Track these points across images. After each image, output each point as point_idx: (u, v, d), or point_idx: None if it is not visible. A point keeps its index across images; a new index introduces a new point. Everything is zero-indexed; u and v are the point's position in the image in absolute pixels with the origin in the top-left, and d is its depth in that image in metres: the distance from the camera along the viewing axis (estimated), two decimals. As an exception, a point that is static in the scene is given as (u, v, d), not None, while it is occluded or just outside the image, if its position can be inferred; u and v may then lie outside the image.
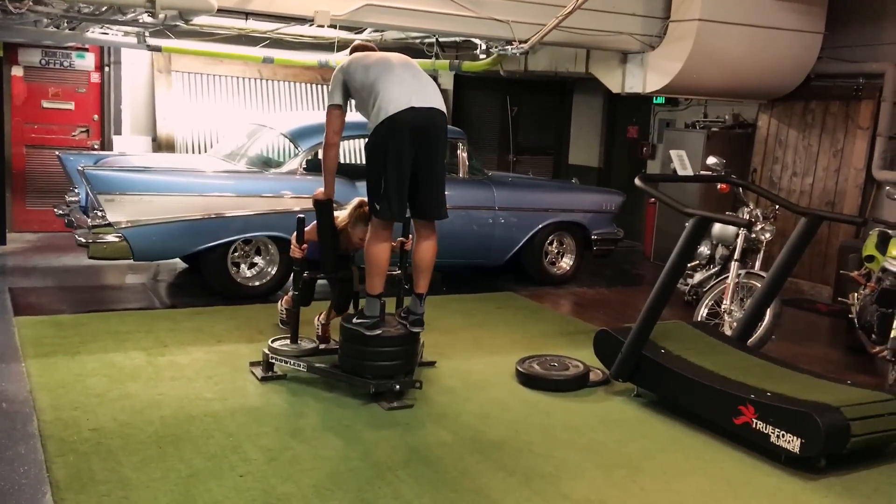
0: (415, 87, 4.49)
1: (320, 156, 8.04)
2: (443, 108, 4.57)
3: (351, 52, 4.83)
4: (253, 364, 4.94)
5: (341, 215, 5.01)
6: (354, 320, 4.62)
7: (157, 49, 8.37)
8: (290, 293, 5.12)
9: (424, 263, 4.68)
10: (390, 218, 4.51)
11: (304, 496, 3.42)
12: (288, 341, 4.97)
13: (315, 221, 4.96)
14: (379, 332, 4.56)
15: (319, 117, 8.34)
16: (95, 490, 3.36)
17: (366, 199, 4.75)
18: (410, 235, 4.94)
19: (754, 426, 4.11)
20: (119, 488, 3.39)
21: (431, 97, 4.53)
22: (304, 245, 4.83)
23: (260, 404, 4.44)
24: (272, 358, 4.84)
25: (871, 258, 5.79)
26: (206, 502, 3.31)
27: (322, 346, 5.10)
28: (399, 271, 5.08)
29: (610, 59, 8.31)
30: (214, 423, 4.12)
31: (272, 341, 4.95)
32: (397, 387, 4.56)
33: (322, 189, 4.84)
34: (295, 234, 4.87)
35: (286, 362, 4.80)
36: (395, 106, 4.36)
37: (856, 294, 5.95)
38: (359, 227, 4.92)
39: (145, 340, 5.41)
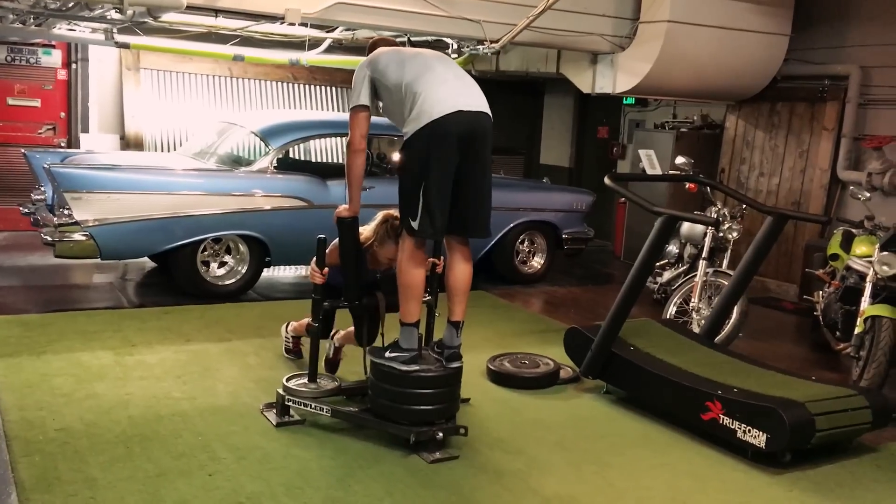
0: (460, 88, 3.97)
1: (291, 154, 8.11)
2: (489, 111, 4.02)
3: (371, 50, 4.28)
4: (266, 406, 4.32)
5: (365, 232, 4.34)
6: (387, 354, 3.97)
7: (126, 46, 8.26)
8: (306, 320, 4.50)
9: (462, 287, 4.09)
10: (431, 236, 3.93)
11: (273, 494, 3.41)
12: (305, 380, 4.30)
13: (336, 241, 4.29)
14: (416, 367, 3.92)
15: (290, 116, 8.37)
16: (62, 490, 3.32)
17: (392, 211, 4.21)
18: (441, 256, 4.31)
19: (721, 422, 4.17)
20: (86, 488, 3.35)
21: (478, 99, 3.99)
22: (326, 269, 4.18)
23: (229, 403, 4.41)
24: (288, 400, 4.19)
25: (835, 257, 5.89)
26: (175, 501, 3.29)
27: (337, 383, 4.38)
28: (429, 297, 4.42)
29: (580, 60, 8.37)
30: (183, 423, 4.09)
31: (287, 380, 4.28)
32: (440, 434, 3.91)
33: (346, 206, 4.17)
34: (315, 257, 4.20)
35: (305, 405, 4.17)
36: (439, 109, 3.81)
37: (820, 292, 6.05)
38: (387, 245, 4.26)
39: (113, 340, 5.35)
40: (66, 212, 5.97)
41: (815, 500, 3.76)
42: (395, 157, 8.30)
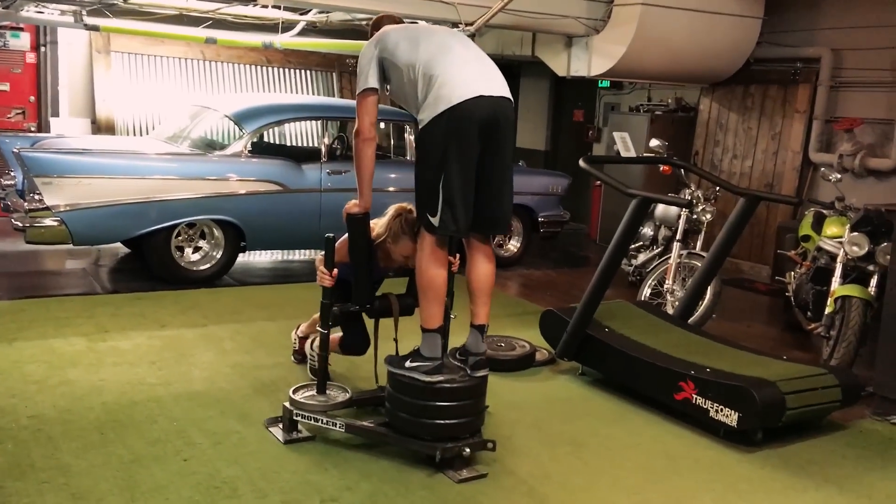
0: (481, 71, 3.64)
1: (266, 138, 8.05)
2: (511, 96, 3.71)
3: (374, 29, 3.92)
4: (271, 421, 3.95)
5: (376, 227, 3.98)
6: (407, 364, 3.63)
7: (95, 28, 8.15)
8: (315, 317, 4.21)
9: (486, 288, 3.79)
10: (454, 233, 3.57)
11: (250, 479, 3.41)
12: (314, 391, 3.93)
13: (345, 237, 3.94)
14: (441, 378, 3.59)
15: (264, 99, 8.30)
16: (35, 477, 3.30)
17: (406, 204, 3.91)
18: (458, 253, 4.00)
19: (694, 401, 4.22)
20: (59, 475, 3.33)
21: (500, 83, 3.67)
22: (335, 271, 3.81)
23: (205, 389, 4.39)
24: (297, 415, 3.82)
25: (806, 238, 5.96)
26: (150, 487, 3.28)
27: (349, 395, 3.96)
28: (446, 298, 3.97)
29: (555, 43, 8.37)
30: (158, 408, 4.07)
31: (294, 392, 3.90)
32: (467, 450, 3.59)
33: (356, 200, 3.82)
34: (322, 256, 3.84)
35: (316, 420, 3.80)
36: (459, 93, 3.47)
37: (792, 273, 6.13)
38: (402, 241, 3.92)
39: (86, 326, 5.31)
40: (36, 197, 5.90)
41: (786, 477, 3.82)
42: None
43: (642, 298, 6.26)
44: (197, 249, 6.64)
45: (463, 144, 3.50)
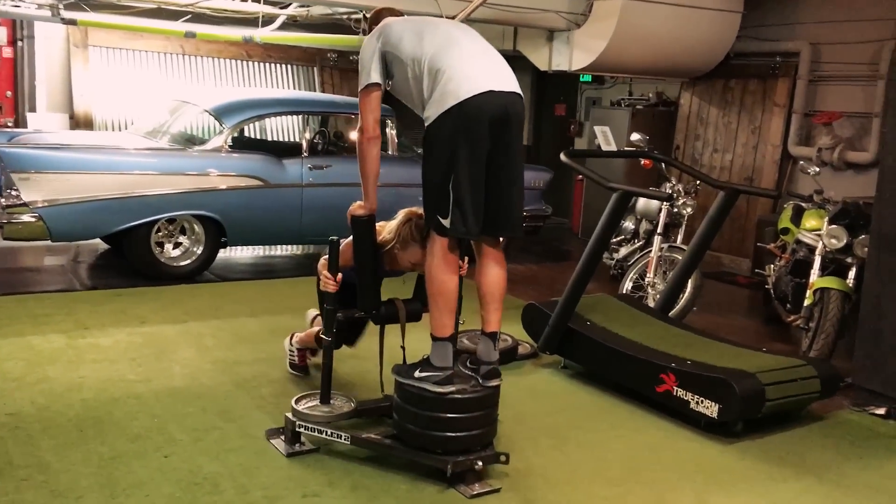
0: (490, 66, 3.48)
1: (246, 133, 8.01)
2: (520, 91, 3.54)
3: (374, 22, 3.77)
4: (272, 433, 3.77)
5: (383, 232, 3.78)
6: (417, 374, 3.46)
7: (73, 22, 8.06)
8: (314, 330, 4.21)
9: (498, 294, 3.60)
10: (466, 235, 3.42)
11: (231, 475, 3.39)
12: (317, 401, 3.76)
13: (349, 240, 3.74)
14: (452, 388, 3.43)
15: (244, 93, 8.26)
16: (13, 475, 3.26)
17: (415, 209, 3.72)
18: (466, 257, 3.78)
19: (675, 393, 4.24)
20: (38, 473, 3.30)
21: (510, 78, 3.50)
22: (340, 276, 3.63)
23: (185, 385, 4.37)
24: (299, 426, 3.65)
25: (786, 231, 6.01)
26: (130, 484, 3.25)
27: (353, 405, 3.79)
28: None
29: (537, 37, 8.37)
30: (138, 405, 4.04)
31: (296, 402, 3.73)
32: (479, 464, 3.43)
33: (361, 202, 3.63)
34: (325, 260, 3.70)
35: (320, 432, 3.63)
36: (468, 88, 3.32)
37: (772, 266, 6.18)
38: (411, 247, 3.71)
39: (65, 323, 5.26)
40: (14, 193, 5.83)
41: (766, 468, 3.86)
42: (353, 135, 8.26)
43: (624, 292, 6.29)
44: (177, 245, 6.60)
45: (472, 142, 3.34)
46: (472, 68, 3.40)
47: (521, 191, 3.60)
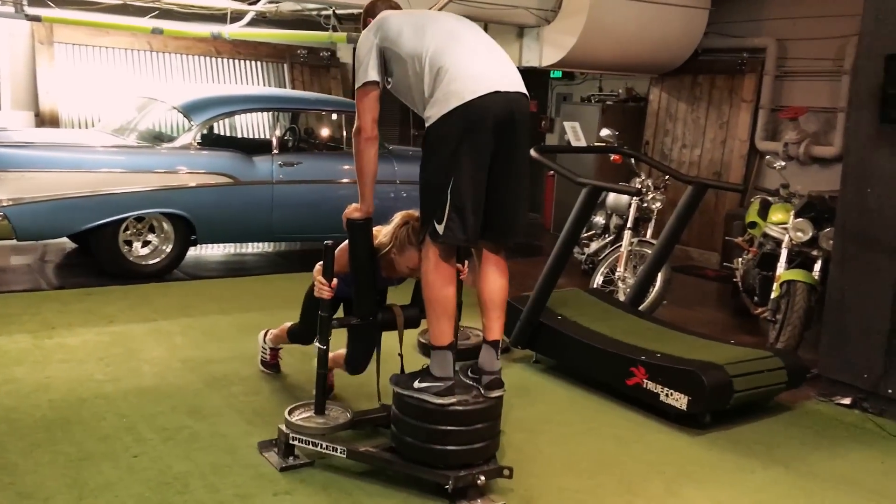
0: (494, 64, 3.31)
1: (216, 130, 7.94)
2: (527, 92, 3.40)
3: (367, 15, 3.59)
4: (264, 445, 3.62)
5: (380, 236, 3.63)
6: (416, 384, 3.31)
7: (37, 19, 7.93)
8: (286, 325, 4.16)
9: (499, 301, 3.48)
10: (462, 241, 3.27)
11: (201, 474, 3.37)
12: (311, 412, 3.60)
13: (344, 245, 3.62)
14: (453, 399, 3.27)
15: (213, 90, 8.17)
16: (-21, 478, 3.22)
17: (412, 212, 3.58)
18: (466, 262, 3.72)
19: (645, 386, 4.29)
20: (5, 474, 3.25)
21: (515, 77, 3.34)
22: (335, 282, 3.49)
23: (155, 384, 4.33)
24: (293, 439, 3.49)
25: (753, 224, 6.08)
26: (98, 484, 3.22)
27: (349, 415, 3.63)
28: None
29: (507, 34, 8.38)
30: (107, 405, 4.00)
31: (289, 413, 3.57)
32: (482, 478, 3.28)
33: (357, 205, 3.49)
34: (320, 265, 3.52)
35: (315, 445, 3.47)
36: (472, 88, 3.15)
37: (740, 259, 6.25)
38: (408, 251, 3.55)
39: (31, 323, 5.19)
40: (-23, 192, 5.74)
41: (735, 458, 3.91)
42: (325, 132, 8.22)
43: (594, 286, 6.32)
44: (146, 244, 6.53)
45: (476, 145, 3.18)
46: (476, 67, 3.23)
47: (525, 195, 3.47)
